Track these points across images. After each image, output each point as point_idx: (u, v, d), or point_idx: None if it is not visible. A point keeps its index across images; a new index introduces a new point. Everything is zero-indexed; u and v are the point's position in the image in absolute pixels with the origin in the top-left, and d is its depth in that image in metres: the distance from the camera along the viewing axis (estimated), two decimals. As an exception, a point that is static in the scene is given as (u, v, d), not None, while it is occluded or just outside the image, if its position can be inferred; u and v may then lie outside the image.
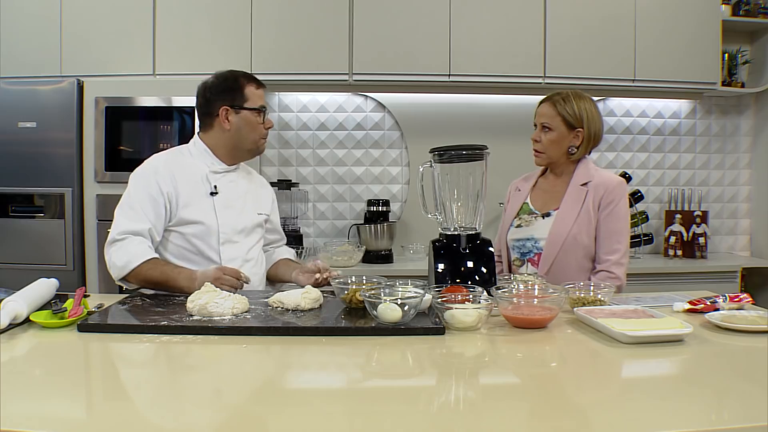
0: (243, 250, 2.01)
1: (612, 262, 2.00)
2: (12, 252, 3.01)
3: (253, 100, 1.98)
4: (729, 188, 3.94)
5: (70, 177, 3.00)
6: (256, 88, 2.00)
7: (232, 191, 2.02)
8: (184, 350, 1.31)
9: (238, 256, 1.99)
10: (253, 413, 0.98)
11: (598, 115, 2.11)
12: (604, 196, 2.01)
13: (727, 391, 1.07)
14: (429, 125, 3.64)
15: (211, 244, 1.95)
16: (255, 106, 1.98)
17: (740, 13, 3.60)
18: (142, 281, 1.85)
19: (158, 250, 1.94)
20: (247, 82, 1.99)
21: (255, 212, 2.09)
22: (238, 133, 1.99)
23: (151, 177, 1.92)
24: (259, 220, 2.10)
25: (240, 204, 2.03)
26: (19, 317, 1.43)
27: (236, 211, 2.01)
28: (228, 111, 1.97)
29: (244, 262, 1.99)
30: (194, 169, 1.99)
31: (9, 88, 3.03)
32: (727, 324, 1.44)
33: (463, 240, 1.84)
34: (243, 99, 1.97)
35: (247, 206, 2.06)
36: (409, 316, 1.44)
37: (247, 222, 2.04)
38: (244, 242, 2.02)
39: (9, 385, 1.05)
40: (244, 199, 2.05)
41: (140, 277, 1.84)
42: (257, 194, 2.14)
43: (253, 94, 1.99)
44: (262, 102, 2.01)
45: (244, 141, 2.00)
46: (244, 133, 1.99)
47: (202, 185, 1.98)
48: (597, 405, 1.02)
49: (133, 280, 1.86)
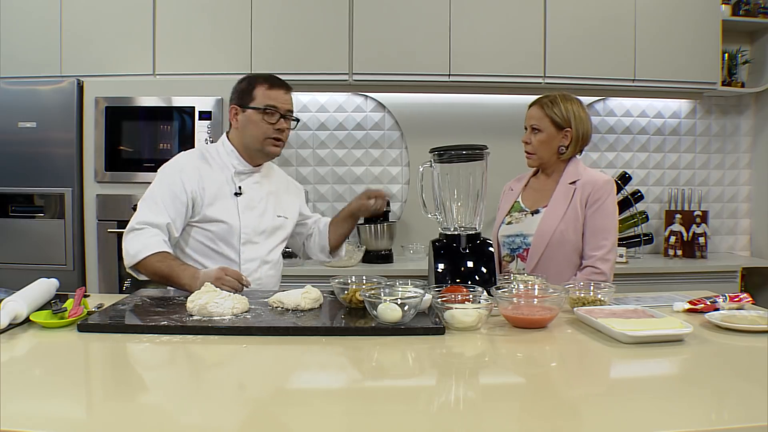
0: (263, 251, 2.03)
1: (597, 257, 2.04)
2: (12, 252, 3.01)
3: (259, 100, 1.96)
4: (729, 188, 3.94)
5: (70, 177, 3.00)
6: (267, 88, 1.98)
7: (255, 192, 2.04)
8: (184, 350, 1.31)
9: (258, 257, 2.01)
10: (253, 413, 0.98)
11: (586, 116, 2.16)
12: (592, 193, 2.06)
13: (727, 391, 1.07)
14: (429, 125, 3.64)
15: (231, 244, 1.97)
16: (260, 105, 1.96)
17: (740, 13, 3.60)
18: (150, 273, 1.86)
19: (179, 245, 1.97)
20: (259, 83, 1.99)
21: (275, 215, 2.09)
22: (244, 132, 2.00)
23: (177, 174, 1.94)
24: (279, 222, 2.10)
25: (262, 206, 2.04)
26: (19, 317, 1.43)
27: (258, 212, 2.02)
28: (237, 110, 2.00)
29: (262, 264, 2.02)
30: (221, 168, 2.01)
31: (9, 88, 3.03)
32: (727, 324, 1.44)
33: (463, 240, 1.84)
34: (250, 98, 1.98)
35: (269, 208, 2.07)
36: (409, 316, 1.44)
37: (267, 224, 2.05)
38: (264, 244, 2.04)
39: (9, 384, 1.05)
40: (266, 201, 2.06)
41: (149, 269, 1.85)
42: (280, 197, 2.14)
43: (262, 94, 1.97)
44: (273, 102, 1.97)
45: (249, 140, 2.00)
46: (248, 131, 1.99)
47: (227, 185, 2.00)
48: (597, 405, 1.02)
49: (143, 270, 1.87)
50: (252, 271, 1.98)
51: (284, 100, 2.00)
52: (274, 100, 1.97)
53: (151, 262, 1.83)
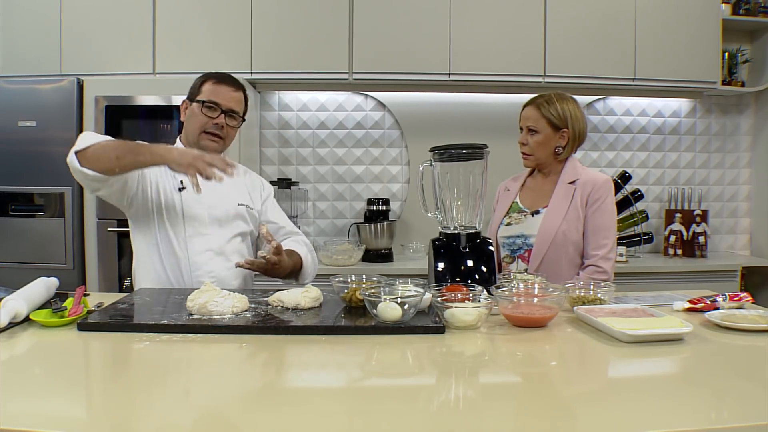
0: (214, 242, 1.96)
1: (600, 256, 2.05)
2: (12, 251, 3.02)
3: (204, 94, 1.98)
4: (729, 187, 3.94)
5: (69, 176, 2.92)
6: (214, 83, 1.99)
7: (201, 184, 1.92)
8: (183, 349, 1.30)
9: (208, 249, 1.95)
10: (253, 412, 0.98)
11: (582, 115, 2.16)
12: (592, 193, 2.07)
13: (727, 390, 1.07)
14: (429, 124, 3.64)
15: (178, 235, 1.93)
16: (203, 98, 1.97)
17: (740, 12, 3.60)
18: (107, 151, 1.69)
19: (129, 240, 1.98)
20: (209, 79, 2.01)
21: (235, 202, 2.04)
22: (187, 124, 2.01)
23: None
24: (239, 210, 2.04)
25: (213, 195, 1.95)
26: (18, 316, 1.43)
27: (207, 203, 1.96)
28: (186, 104, 2.03)
29: (215, 256, 1.95)
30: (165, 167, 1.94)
31: (9, 87, 3.03)
32: (727, 323, 1.44)
33: (463, 239, 1.84)
34: (197, 93, 1.99)
35: (223, 197, 2.01)
36: (409, 315, 1.44)
37: (220, 213, 1.99)
38: (216, 234, 1.97)
39: (9, 383, 1.05)
40: (218, 191, 1.94)
41: (108, 147, 1.69)
42: (237, 185, 2.08)
43: (208, 89, 1.98)
44: (215, 98, 1.96)
45: (190, 133, 2.00)
46: (189, 124, 2.00)
47: (171, 180, 1.97)
48: (597, 404, 1.02)
49: (96, 154, 1.69)
50: (202, 264, 1.93)
51: (229, 97, 1.99)
52: (217, 95, 1.98)
53: (108, 142, 1.72)
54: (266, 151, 3.70)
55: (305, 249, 2.09)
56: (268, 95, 3.69)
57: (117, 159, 1.69)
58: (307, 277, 2.05)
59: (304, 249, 2.08)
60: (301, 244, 2.10)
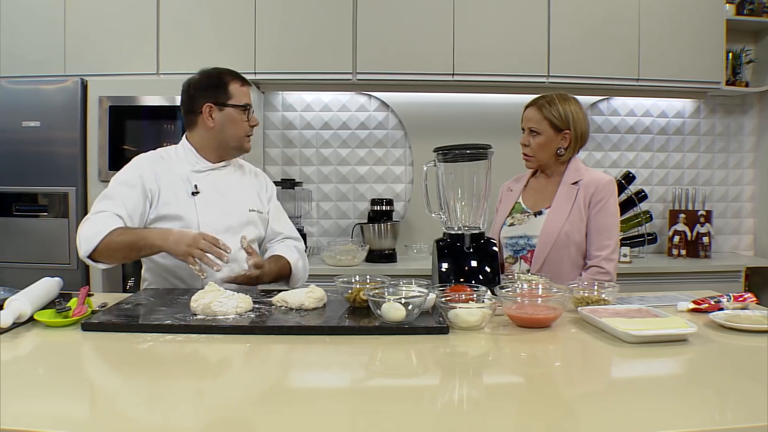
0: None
1: (602, 257, 2.04)
2: (16, 251, 3.02)
3: (238, 98, 1.96)
4: (733, 188, 3.93)
5: (74, 176, 3.01)
6: (240, 85, 1.98)
7: (215, 190, 1.98)
8: (187, 349, 1.31)
9: None
10: (256, 412, 0.98)
11: (584, 116, 2.14)
12: (595, 193, 2.06)
13: (731, 390, 1.07)
14: (433, 124, 3.64)
15: None
16: (239, 103, 1.96)
17: (744, 13, 3.59)
18: (113, 251, 1.78)
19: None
20: (231, 79, 1.97)
21: (246, 209, 2.04)
22: (222, 130, 1.96)
23: (135, 171, 1.92)
24: (250, 216, 2.04)
25: (225, 202, 1.98)
26: (23, 316, 1.44)
27: (220, 209, 1.96)
28: (212, 108, 1.95)
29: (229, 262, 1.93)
30: (177, 169, 1.96)
31: (13, 87, 3.04)
32: (731, 324, 1.44)
33: (466, 239, 1.84)
34: (227, 96, 1.95)
35: (236, 203, 2.01)
36: (413, 315, 1.44)
37: (232, 220, 1.98)
38: (229, 241, 1.93)
39: (13, 383, 1.05)
40: (230, 196, 2.00)
41: (111, 246, 1.77)
42: (248, 190, 2.09)
43: (238, 91, 1.97)
44: (247, 99, 1.98)
45: (229, 139, 1.98)
46: (228, 130, 1.96)
47: (184, 185, 1.95)
48: (600, 404, 1.02)
49: (103, 253, 1.78)
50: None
51: (250, 95, 2.02)
52: (246, 95, 1.99)
53: (112, 239, 1.76)
54: (270, 152, 3.71)
55: (296, 255, 2.10)
56: (271, 96, 3.70)
57: (124, 258, 1.87)
58: (297, 282, 2.08)
59: (294, 254, 2.09)
60: (292, 249, 2.12)
